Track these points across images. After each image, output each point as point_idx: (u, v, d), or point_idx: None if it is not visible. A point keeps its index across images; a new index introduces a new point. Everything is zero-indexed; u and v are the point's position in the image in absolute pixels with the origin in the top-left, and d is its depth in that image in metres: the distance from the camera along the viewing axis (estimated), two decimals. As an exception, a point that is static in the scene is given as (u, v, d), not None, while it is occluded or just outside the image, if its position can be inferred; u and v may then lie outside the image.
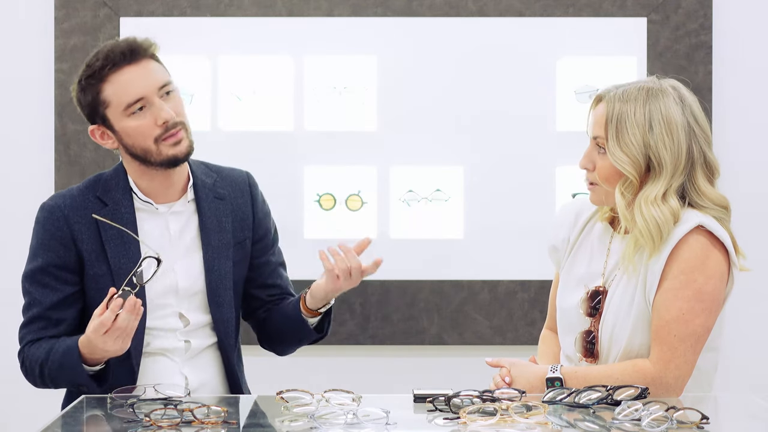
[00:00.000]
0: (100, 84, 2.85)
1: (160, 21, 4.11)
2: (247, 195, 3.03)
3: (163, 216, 2.93)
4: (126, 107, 2.84)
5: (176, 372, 2.90)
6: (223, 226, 2.96)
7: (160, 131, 2.85)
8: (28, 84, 4.15)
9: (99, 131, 2.92)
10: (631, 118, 2.76)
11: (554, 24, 4.15)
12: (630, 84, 2.82)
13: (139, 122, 2.85)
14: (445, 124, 4.16)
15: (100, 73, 2.85)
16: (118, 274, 2.86)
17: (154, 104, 2.84)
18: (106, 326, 2.65)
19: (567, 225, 2.97)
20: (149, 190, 2.92)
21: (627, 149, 2.76)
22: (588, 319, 2.85)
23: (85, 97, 2.89)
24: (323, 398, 2.51)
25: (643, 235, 2.74)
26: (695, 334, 2.72)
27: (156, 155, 2.86)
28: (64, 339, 2.82)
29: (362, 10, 4.14)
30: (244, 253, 3.00)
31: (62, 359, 2.79)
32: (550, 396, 2.57)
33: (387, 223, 4.16)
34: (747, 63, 4.17)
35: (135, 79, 2.85)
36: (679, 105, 2.78)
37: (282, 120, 4.16)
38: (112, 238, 2.87)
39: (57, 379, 2.82)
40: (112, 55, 2.85)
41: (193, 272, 2.93)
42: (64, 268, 2.88)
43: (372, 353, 4.19)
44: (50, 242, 2.88)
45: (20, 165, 4.15)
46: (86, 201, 2.91)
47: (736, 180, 4.12)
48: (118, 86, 2.84)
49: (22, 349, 2.89)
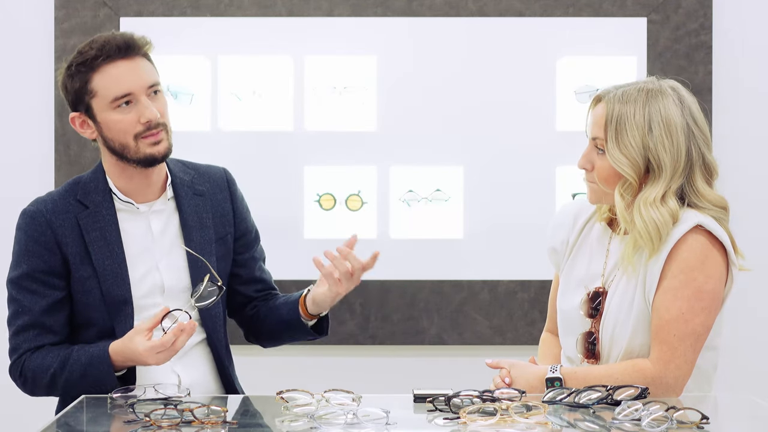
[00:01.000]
0: (91, 73, 2.86)
1: (160, 21, 4.11)
2: (226, 191, 3.04)
3: (145, 215, 2.93)
4: (113, 100, 2.85)
5: (168, 370, 2.90)
6: (204, 222, 2.97)
7: (142, 128, 2.86)
8: (28, 84, 4.14)
9: (80, 119, 2.92)
10: (630, 120, 2.76)
11: (554, 24, 4.15)
12: (629, 85, 2.82)
13: (122, 116, 2.86)
14: (445, 124, 4.15)
15: (93, 62, 2.85)
16: (104, 275, 2.87)
17: (140, 102, 2.86)
18: (165, 347, 2.70)
19: (566, 226, 2.97)
20: (128, 189, 2.93)
21: (626, 151, 2.76)
22: (588, 320, 2.85)
23: (72, 84, 2.89)
24: (323, 398, 2.51)
25: (642, 237, 2.74)
26: (695, 333, 2.72)
27: (134, 152, 2.86)
28: (82, 347, 2.83)
29: (362, 10, 4.14)
30: (227, 249, 3.01)
31: (87, 368, 2.79)
32: (550, 396, 2.57)
33: (387, 223, 4.16)
34: (747, 63, 4.16)
35: (126, 74, 2.85)
36: (678, 106, 2.77)
37: (282, 120, 4.15)
38: (96, 240, 2.88)
39: (73, 387, 2.81)
40: (107, 47, 2.85)
41: (178, 270, 2.94)
42: (50, 273, 2.88)
43: (372, 353, 4.18)
44: (35, 248, 2.88)
45: (20, 165, 4.15)
46: (67, 204, 2.91)
47: (736, 180, 4.12)
48: (109, 78, 2.85)
49: (18, 358, 2.88)
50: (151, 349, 2.71)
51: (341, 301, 4.15)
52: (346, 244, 2.90)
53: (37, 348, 2.87)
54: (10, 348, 2.90)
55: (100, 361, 2.78)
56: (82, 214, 2.90)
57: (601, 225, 2.92)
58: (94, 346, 2.82)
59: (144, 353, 2.71)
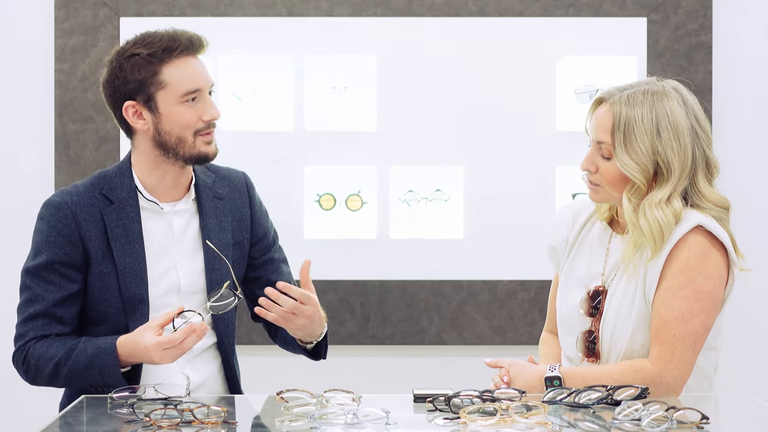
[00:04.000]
0: (161, 65, 2.84)
1: (160, 21, 4.10)
2: (245, 196, 3.04)
3: (167, 216, 2.93)
4: (184, 94, 2.84)
5: (177, 372, 2.90)
6: (224, 226, 2.97)
7: (203, 126, 2.87)
8: (28, 84, 4.14)
9: (134, 109, 2.88)
10: (639, 125, 2.74)
11: (554, 24, 4.15)
12: (632, 86, 2.80)
13: (187, 111, 2.85)
14: (445, 124, 4.16)
15: (165, 53, 2.84)
16: (123, 273, 2.86)
17: (205, 99, 2.87)
18: (173, 344, 2.69)
19: (565, 226, 2.97)
20: (156, 187, 2.92)
21: (636, 157, 2.75)
22: (589, 319, 2.85)
23: (135, 73, 2.85)
24: (323, 398, 2.51)
25: (646, 237, 2.74)
26: (695, 333, 2.72)
27: (189, 148, 2.86)
28: (89, 340, 2.83)
29: (362, 10, 4.14)
30: (242, 253, 3.00)
31: (92, 360, 2.78)
32: (550, 396, 2.57)
33: (387, 223, 4.16)
34: (747, 63, 4.17)
35: (198, 70, 2.86)
36: (682, 108, 2.77)
37: (282, 120, 4.16)
38: (118, 237, 2.88)
39: (75, 378, 2.81)
40: (179, 41, 2.85)
41: (195, 272, 2.94)
42: (70, 266, 2.87)
43: (372, 353, 4.18)
44: (57, 239, 2.87)
45: (20, 165, 4.15)
46: (92, 198, 2.90)
47: (736, 180, 4.12)
48: (183, 72, 2.84)
49: (23, 345, 2.87)
50: (159, 344, 2.70)
51: (341, 301, 4.17)
52: (302, 272, 2.82)
53: (44, 336, 2.86)
54: (16, 335, 2.89)
55: (107, 353, 2.77)
56: (107, 210, 2.89)
57: (601, 224, 2.91)
58: (102, 338, 2.82)
59: (151, 347, 2.71)
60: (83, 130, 4.11)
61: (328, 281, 4.13)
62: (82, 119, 4.12)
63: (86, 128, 4.11)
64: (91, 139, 4.11)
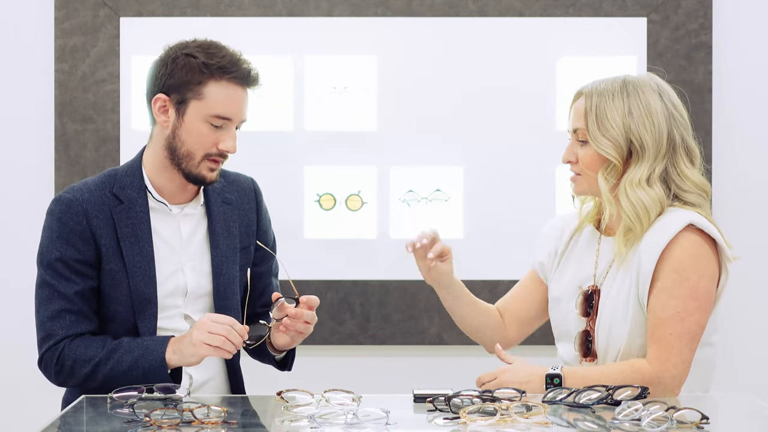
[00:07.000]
0: (210, 78, 2.84)
1: (160, 21, 4.11)
2: (253, 202, 3.06)
3: (176, 217, 2.94)
4: (215, 115, 2.85)
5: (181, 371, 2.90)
6: (231, 231, 2.98)
7: (215, 153, 2.87)
8: (28, 84, 4.14)
9: (163, 103, 2.88)
10: (610, 105, 2.82)
11: (554, 24, 4.15)
12: (608, 78, 2.86)
13: (209, 132, 2.85)
14: (445, 124, 4.16)
15: (219, 71, 2.84)
16: (132, 271, 2.87)
17: (230, 130, 2.87)
18: (223, 322, 2.72)
19: (553, 238, 3.02)
20: (165, 189, 2.93)
21: (608, 133, 2.80)
22: (584, 319, 2.86)
23: (183, 73, 2.86)
24: (323, 398, 2.51)
25: (631, 218, 2.78)
26: (691, 332, 2.73)
27: (193, 166, 2.87)
28: (133, 340, 2.83)
29: (362, 10, 4.14)
30: (248, 259, 3.02)
31: (138, 361, 2.79)
32: (550, 396, 2.58)
33: (387, 223, 4.16)
34: (747, 63, 4.17)
35: (238, 102, 2.86)
36: (656, 92, 2.84)
37: (282, 120, 4.16)
38: (128, 236, 2.88)
39: (115, 379, 2.79)
40: (237, 66, 2.85)
41: (202, 275, 2.95)
42: (83, 263, 2.87)
43: (372, 353, 4.18)
44: (69, 236, 2.86)
45: (20, 165, 4.15)
46: (102, 196, 2.90)
47: (736, 180, 4.12)
48: (224, 95, 2.85)
49: (55, 345, 2.84)
50: (211, 316, 2.73)
51: (341, 301, 4.17)
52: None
53: (77, 335, 2.85)
54: (43, 334, 2.85)
55: (154, 354, 2.78)
56: (117, 209, 2.89)
57: (588, 228, 2.95)
58: (151, 339, 2.83)
59: (204, 318, 2.74)
60: (83, 130, 4.11)
61: (328, 281, 4.13)
62: (82, 119, 4.11)
63: (86, 128, 4.11)
64: (91, 139, 4.11)
